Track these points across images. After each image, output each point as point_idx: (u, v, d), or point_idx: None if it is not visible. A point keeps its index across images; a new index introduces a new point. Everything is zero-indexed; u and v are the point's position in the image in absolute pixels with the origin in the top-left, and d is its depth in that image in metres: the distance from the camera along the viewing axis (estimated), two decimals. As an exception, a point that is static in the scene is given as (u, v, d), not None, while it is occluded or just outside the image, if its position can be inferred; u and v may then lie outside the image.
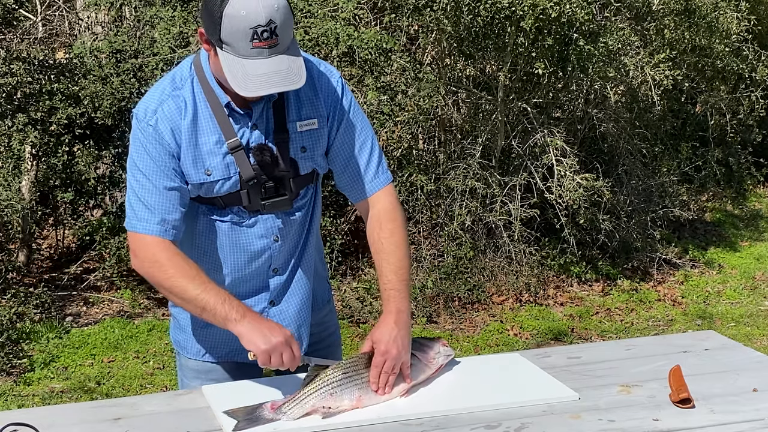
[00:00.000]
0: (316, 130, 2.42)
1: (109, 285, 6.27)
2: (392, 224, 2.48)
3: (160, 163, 2.31)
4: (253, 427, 2.16)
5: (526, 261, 6.50)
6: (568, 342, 5.78)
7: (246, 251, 2.45)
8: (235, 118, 2.35)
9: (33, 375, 5.14)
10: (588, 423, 2.21)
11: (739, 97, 7.94)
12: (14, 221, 6.08)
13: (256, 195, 2.38)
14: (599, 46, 6.09)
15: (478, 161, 6.49)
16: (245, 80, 2.16)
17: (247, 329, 2.25)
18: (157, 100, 2.34)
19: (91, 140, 6.16)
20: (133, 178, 2.34)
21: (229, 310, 2.26)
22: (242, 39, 2.14)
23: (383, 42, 5.97)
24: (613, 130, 7.08)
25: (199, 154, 2.34)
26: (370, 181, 2.49)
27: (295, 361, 2.28)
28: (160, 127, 2.31)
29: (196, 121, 2.33)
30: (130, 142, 2.37)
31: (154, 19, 6.05)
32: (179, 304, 2.38)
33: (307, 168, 2.44)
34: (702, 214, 8.27)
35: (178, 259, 2.31)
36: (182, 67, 2.39)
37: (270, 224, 2.44)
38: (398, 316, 2.38)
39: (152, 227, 2.31)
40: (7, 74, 5.78)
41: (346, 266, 6.50)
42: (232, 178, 2.36)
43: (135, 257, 2.36)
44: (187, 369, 2.62)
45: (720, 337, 2.82)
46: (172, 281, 2.29)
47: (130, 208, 2.35)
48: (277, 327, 2.28)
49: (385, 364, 2.31)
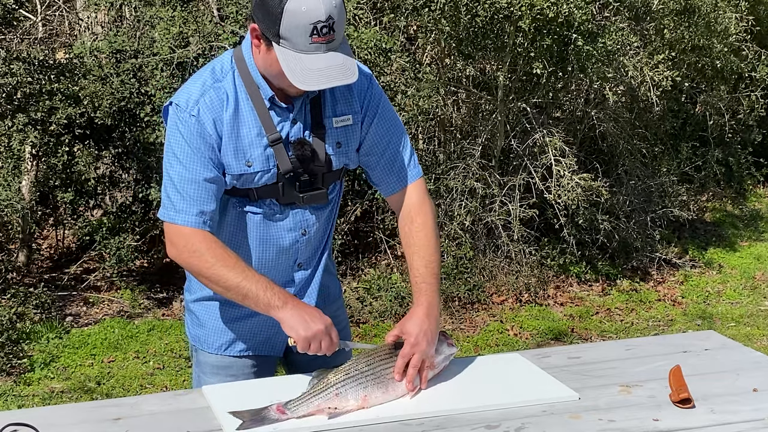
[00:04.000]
0: (351, 126, 2.47)
1: (109, 285, 6.27)
2: (423, 218, 2.52)
3: (199, 153, 2.33)
4: (257, 426, 2.16)
5: (525, 261, 6.50)
6: (568, 342, 5.78)
7: (275, 244, 2.48)
8: (277, 111, 2.39)
9: (33, 375, 5.14)
10: (588, 423, 2.21)
11: (739, 97, 7.94)
12: (14, 221, 6.09)
13: (291, 188, 2.42)
14: (598, 47, 6.09)
15: (477, 161, 6.50)
16: (304, 74, 2.20)
17: (289, 315, 2.30)
18: (198, 90, 2.36)
19: (91, 140, 6.16)
20: (171, 168, 2.35)
21: (271, 297, 2.30)
22: (302, 34, 2.18)
23: (382, 42, 5.97)
24: (612, 130, 7.08)
25: (240, 146, 2.37)
26: (402, 174, 2.54)
27: (332, 347, 2.33)
28: (203, 117, 2.33)
29: (237, 113, 2.36)
30: (168, 132, 2.39)
31: (154, 19, 6.04)
32: (220, 293, 2.39)
33: (339, 163, 2.48)
34: (702, 214, 8.27)
35: (217, 248, 2.33)
36: (223, 60, 2.43)
37: (300, 218, 2.48)
38: (429, 309, 2.41)
39: (190, 219, 2.33)
40: (7, 74, 5.78)
41: (346, 266, 6.50)
42: (271, 170, 2.40)
43: (173, 247, 2.38)
44: (206, 365, 2.63)
45: (720, 337, 2.82)
46: (213, 270, 2.32)
47: (167, 198, 2.36)
48: (317, 314, 2.33)
49: (414, 357, 2.34)
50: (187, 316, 2.67)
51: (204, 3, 6.52)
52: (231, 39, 5.82)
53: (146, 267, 6.52)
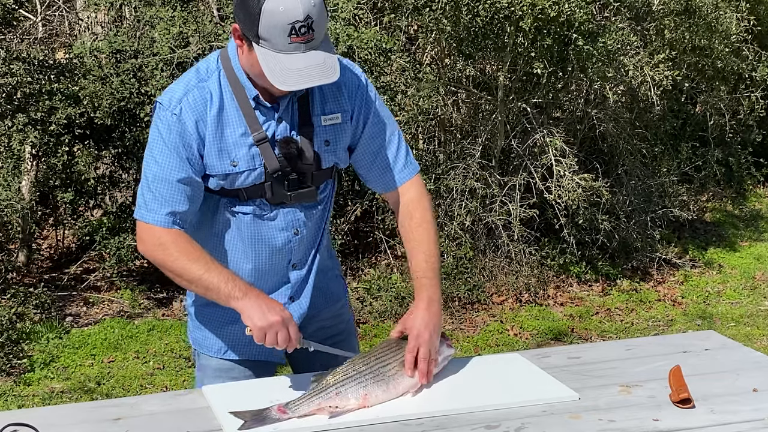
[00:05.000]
0: (340, 125, 2.47)
1: (109, 285, 6.27)
2: (421, 213, 2.53)
3: (176, 153, 2.34)
4: (259, 426, 2.17)
5: (525, 261, 6.50)
6: (568, 342, 5.78)
7: (267, 244, 2.49)
8: (262, 111, 2.39)
9: (33, 375, 5.14)
10: (588, 423, 2.21)
11: (739, 97, 7.93)
12: (14, 221, 6.08)
13: (280, 187, 2.42)
14: (599, 47, 6.09)
15: (477, 161, 6.49)
16: (283, 74, 2.21)
17: (247, 305, 2.29)
18: (182, 90, 2.38)
19: (91, 140, 6.16)
20: (147, 167, 2.37)
21: (232, 289, 2.30)
22: (280, 34, 2.19)
23: (383, 42, 5.97)
24: (612, 130, 7.08)
25: (224, 146, 2.37)
26: (399, 172, 2.54)
27: (291, 342, 2.31)
28: (184, 116, 2.35)
29: (221, 112, 2.37)
30: (150, 132, 2.41)
31: (154, 19, 6.04)
32: (185, 286, 2.41)
33: (329, 162, 2.48)
34: (702, 214, 8.26)
35: (182, 242, 2.35)
36: (208, 60, 2.44)
37: (291, 218, 2.48)
38: (430, 303, 2.43)
39: (160, 218, 2.35)
40: (7, 74, 5.78)
41: (346, 266, 6.50)
42: (257, 169, 2.40)
43: (141, 242, 2.40)
44: (208, 368, 2.63)
45: (720, 337, 2.82)
46: (177, 263, 2.34)
47: (141, 197, 2.38)
48: (277, 306, 2.32)
49: (420, 350, 2.35)
50: (189, 320, 2.68)
51: (204, 3, 6.53)
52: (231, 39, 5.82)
53: (146, 267, 6.52)
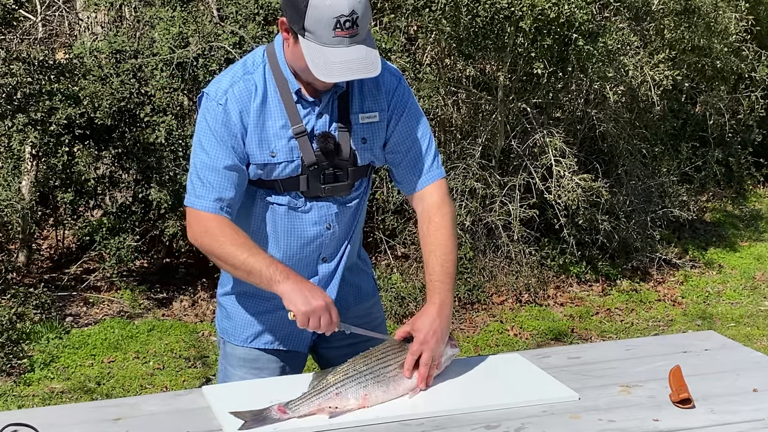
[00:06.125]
0: (377, 123, 2.53)
1: (109, 285, 6.27)
2: (441, 218, 2.58)
3: (222, 141, 2.41)
4: (259, 426, 2.17)
5: (525, 261, 6.50)
6: (568, 342, 5.78)
7: (299, 236, 2.53)
8: (303, 105, 2.46)
9: (33, 375, 5.14)
10: (588, 423, 2.21)
11: (739, 97, 7.94)
12: (14, 221, 6.08)
13: (316, 181, 2.48)
14: (598, 47, 6.09)
15: (477, 161, 6.50)
16: (326, 67, 2.28)
17: (289, 289, 2.33)
18: (228, 81, 2.45)
19: (91, 140, 6.15)
20: (195, 156, 2.45)
21: (273, 272, 2.35)
22: (325, 27, 2.26)
23: (383, 42, 5.98)
24: (612, 130, 7.08)
25: (265, 136, 2.44)
26: (424, 174, 2.58)
27: (332, 326, 2.35)
28: (229, 107, 2.42)
29: (264, 104, 2.44)
30: (197, 121, 2.48)
31: (154, 19, 6.04)
32: (230, 271, 2.47)
33: (365, 159, 2.53)
34: (702, 214, 8.27)
35: (228, 229, 2.41)
36: (255, 54, 2.51)
37: (324, 212, 2.52)
38: (441, 308, 2.47)
39: (208, 204, 2.42)
40: (7, 74, 5.77)
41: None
42: (294, 161, 2.45)
43: (190, 229, 2.47)
44: (233, 357, 2.68)
45: (720, 337, 2.82)
46: (223, 248, 2.40)
47: (191, 184, 2.46)
48: (319, 291, 2.36)
49: (423, 354, 2.37)
50: (218, 309, 2.74)
51: (204, 3, 6.52)
52: (231, 39, 5.82)
53: (146, 267, 6.52)
